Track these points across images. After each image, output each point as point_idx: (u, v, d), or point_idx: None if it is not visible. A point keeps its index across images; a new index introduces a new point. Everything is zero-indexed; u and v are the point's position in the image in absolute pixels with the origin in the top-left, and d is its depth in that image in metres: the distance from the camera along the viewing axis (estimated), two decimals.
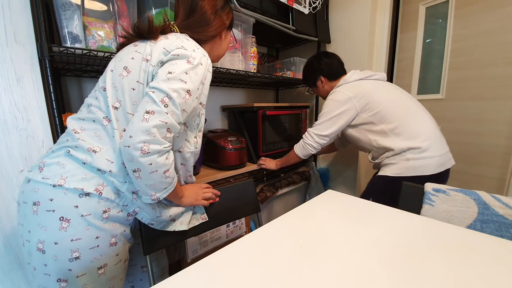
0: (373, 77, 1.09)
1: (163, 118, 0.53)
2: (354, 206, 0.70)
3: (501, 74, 1.25)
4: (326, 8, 1.59)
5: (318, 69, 1.19)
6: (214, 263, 0.46)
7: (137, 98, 0.59)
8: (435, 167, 0.94)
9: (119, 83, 0.58)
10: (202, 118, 0.69)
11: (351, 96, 1.02)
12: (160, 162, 0.54)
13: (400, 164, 0.96)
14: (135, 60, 0.60)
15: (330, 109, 1.06)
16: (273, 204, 1.54)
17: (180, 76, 0.56)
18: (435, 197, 0.73)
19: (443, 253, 0.47)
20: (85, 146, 0.55)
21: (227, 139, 1.18)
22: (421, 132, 0.96)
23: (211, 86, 1.49)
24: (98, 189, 0.54)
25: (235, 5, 1.04)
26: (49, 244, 0.50)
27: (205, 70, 0.62)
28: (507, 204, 0.64)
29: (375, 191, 1.04)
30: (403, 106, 1.00)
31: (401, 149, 0.96)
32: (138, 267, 0.77)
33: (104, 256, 0.56)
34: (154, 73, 0.59)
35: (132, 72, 0.59)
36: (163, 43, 0.61)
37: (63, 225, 0.51)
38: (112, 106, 0.58)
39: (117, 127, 0.57)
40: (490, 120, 1.30)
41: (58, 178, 0.52)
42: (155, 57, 0.59)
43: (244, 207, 0.88)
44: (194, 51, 0.60)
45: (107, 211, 0.56)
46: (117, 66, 0.60)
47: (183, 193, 0.68)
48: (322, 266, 0.44)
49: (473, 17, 1.32)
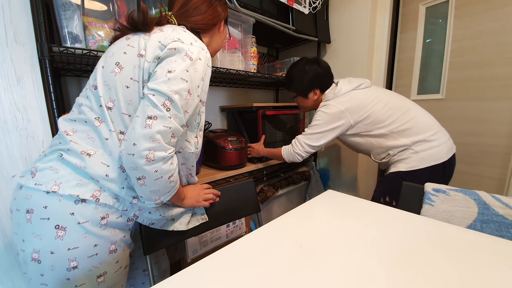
0: (361, 87, 1.08)
1: (167, 123, 0.51)
2: (354, 206, 0.70)
3: (501, 74, 1.25)
4: (326, 8, 1.59)
5: (316, 81, 1.12)
6: (214, 263, 0.46)
7: (131, 97, 0.55)
8: (445, 152, 0.97)
9: (112, 80, 0.55)
10: (203, 116, 0.67)
11: (343, 109, 1.02)
12: (166, 168, 0.53)
13: (412, 157, 0.97)
14: (128, 55, 0.56)
15: (323, 122, 1.05)
16: (273, 204, 1.54)
17: (181, 75, 0.53)
18: (435, 197, 0.73)
19: (443, 253, 0.47)
20: (78, 149, 0.52)
21: (227, 139, 1.17)
22: (422, 126, 0.98)
23: (210, 86, 1.50)
24: (95, 195, 0.51)
25: (235, 5, 1.04)
26: (45, 253, 0.48)
27: (204, 65, 0.59)
28: (507, 204, 0.64)
29: (391, 189, 1.01)
30: (396, 108, 1.01)
31: (407, 144, 0.98)
32: (140, 271, 0.76)
33: (103, 264, 0.54)
34: (151, 70, 0.55)
35: (125, 68, 0.55)
36: (157, 36, 0.57)
37: (59, 234, 0.48)
38: (106, 106, 0.54)
39: (114, 129, 0.54)
40: (490, 120, 1.30)
41: (51, 184, 0.49)
42: (150, 52, 0.55)
43: (244, 207, 0.88)
44: (192, 44, 0.57)
45: (105, 218, 0.53)
46: (108, 62, 0.56)
47: (185, 195, 0.68)
48: (322, 266, 0.44)
49: (473, 17, 1.31)
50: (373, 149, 1.07)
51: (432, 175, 0.95)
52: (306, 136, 1.10)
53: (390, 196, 0.99)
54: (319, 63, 1.14)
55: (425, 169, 0.95)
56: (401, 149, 0.99)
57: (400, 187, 0.95)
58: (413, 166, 0.97)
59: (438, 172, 0.95)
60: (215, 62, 1.12)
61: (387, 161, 1.06)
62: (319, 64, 1.13)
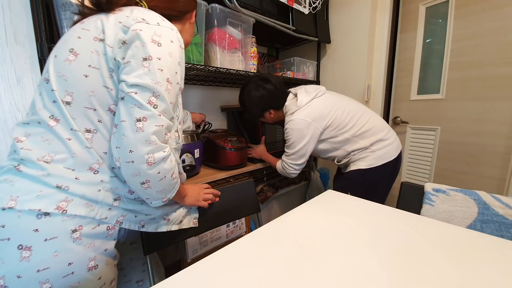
0: (319, 95, 1.10)
1: (158, 122, 0.47)
2: (354, 206, 0.70)
3: (501, 74, 1.25)
4: (326, 8, 1.59)
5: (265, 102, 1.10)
6: (214, 263, 0.46)
7: (93, 87, 0.48)
8: (395, 150, 1.09)
9: (67, 70, 0.47)
10: (180, 107, 0.62)
11: (310, 121, 1.05)
12: (167, 167, 0.51)
13: (370, 156, 1.07)
14: (83, 39, 0.48)
15: (297, 139, 1.07)
16: (273, 204, 1.54)
17: (158, 64, 0.48)
18: (435, 197, 0.73)
19: (443, 253, 0.47)
20: (32, 156, 0.46)
21: (227, 139, 1.17)
22: (377, 127, 1.08)
23: (210, 86, 1.50)
24: (60, 207, 0.45)
25: (235, 5, 1.04)
26: (11, 279, 0.42)
27: (178, 48, 0.53)
28: (507, 204, 0.64)
29: (352, 185, 1.10)
30: (354, 112, 1.08)
31: (365, 146, 1.07)
32: (133, 283, 0.72)
33: (83, 282, 0.48)
34: (119, 58, 0.48)
35: (81, 54, 0.48)
36: (117, 17, 0.50)
37: (24, 255, 0.42)
38: (62, 101, 0.47)
39: (77, 127, 0.48)
40: (490, 120, 1.30)
41: (7, 200, 0.43)
42: (111, 35, 0.48)
43: (244, 207, 0.88)
44: (159, 25, 0.50)
45: (77, 230, 0.47)
46: (61, 50, 0.49)
47: (186, 193, 0.67)
48: (322, 266, 0.44)
49: (473, 17, 1.31)
50: (337, 154, 1.13)
51: (385, 171, 1.08)
52: (289, 157, 1.13)
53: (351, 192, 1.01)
54: (264, 85, 1.09)
55: (381, 166, 1.06)
56: (361, 150, 1.08)
57: (360, 183, 1.08)
58: (371, 164, 1.06)
59: (389, 168, 1.08)
60: (215, 62, 1.12)
61: (347, 161, 1.14)
62: (265, 85, 1.09)
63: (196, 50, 1.05)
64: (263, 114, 1.15)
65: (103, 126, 0.50)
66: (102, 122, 0.50)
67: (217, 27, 1.09)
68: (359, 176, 1.08)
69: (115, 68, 0.49)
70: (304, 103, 1.07)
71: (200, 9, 1.03)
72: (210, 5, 1.05)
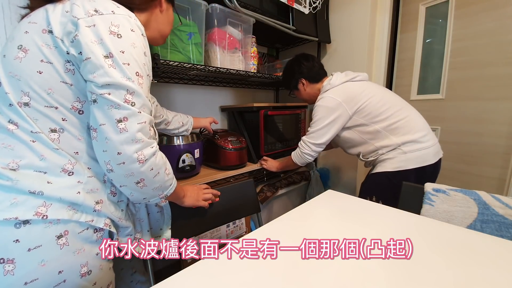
0: (356, 79, 1.08)
1: (140, 119, 0.46)
2: (354, 206, 0.70)
3: (501, 74, 1.25)
4: (326, 8, 1.59)
5: (299, 71, 1.16)
6: (214, 263, 0.46)
7: (50, 84, 0.45)
8: (432, 156, 0.97)
9: (18, 69, 0.44)
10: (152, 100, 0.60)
11: (340, 101, 1.02)
12: (159, 162, 0.52)
13: (399, 157, 0.97)
14: (31, 33, 0.45)
15: (322, 117, 1.05)
16: (273, 204, 1.54)
17: (122, 59, 0.45)
18: (435, 197, 0.73)
19: (443, 253, 0.47)
20: None
21: (227, 139, 1.17)
22: (414, 125, 0.99)
23: (210, 86, 1.50)
24: (39, 212, 0.42)
25: (235, 5, 1.04)
26: None
27: (140, 36, 0.49)
28: (507, 204, 0.64)
29: (377, 189, 1.03)
30: (391, 104, 1.01)
31: (397, 144, 0.98)
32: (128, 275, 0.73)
33: None
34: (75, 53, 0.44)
35: (31, 50, 0.44)
36: (64, 6, 0.45)
37: (7, 268, 0.39)
38: (19, 103, 0.44)
39: (39, 129, 0.44)
40: (490, 120, 1.30)
41: None
42: (57, 25, 0.44)
43: (244, 207, 0.88)
44: (115, 13, 0.46)
45: (63, 235, 0.44)
46: (9, 49, 0.45)
47: (185, 193, 0.67)
48: (322, 266, 0.44)
49: (473, 17, 1.31)
50: (364, 147, 1.07)
51: (418, 177, 0.95)
52: (310, 135, 1.10)
53: (376, 196, 0.99)
54: (303, 58, 1.17)
55: (412, 170, 0.95)
56: (390, 148, 1.00)
57: (386, 187, 0.98)
58: (399, 166, 0.97)
59: (424, 175, 0.95)
60: (215, 62, 1.12)
61: (374, 160, 1.06)
62: (302, 58, 1.17)
63: (196, 50, 1.05)
64: (297, 86, 1.19)
65: (70, 124, 0.48)
66: (67, 120, 0.47)
67: (217, 27, 1.09)
68: (385, 180, 1.00)
69: (74, 61, 0.46)
70: (338, 83, 1.06)
71: (200, 9, 1.03)
72: (210, 5, 1.05)
